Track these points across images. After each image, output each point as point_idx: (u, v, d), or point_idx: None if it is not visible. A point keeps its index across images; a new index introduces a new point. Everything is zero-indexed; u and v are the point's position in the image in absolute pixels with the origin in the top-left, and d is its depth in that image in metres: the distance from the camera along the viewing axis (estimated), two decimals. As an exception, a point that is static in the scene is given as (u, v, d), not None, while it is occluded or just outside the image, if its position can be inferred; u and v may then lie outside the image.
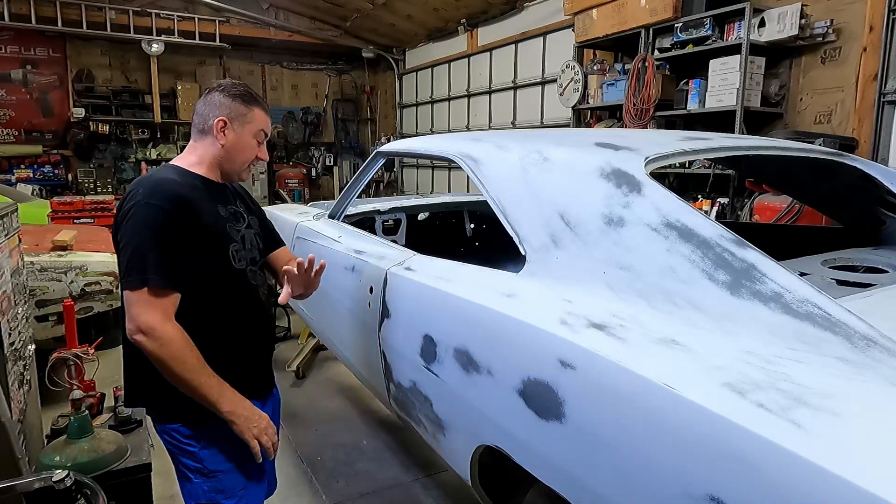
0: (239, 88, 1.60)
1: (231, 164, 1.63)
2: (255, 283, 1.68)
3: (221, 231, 1.58)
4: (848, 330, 1.02)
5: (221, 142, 1.59)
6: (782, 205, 3.68)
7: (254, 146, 1.63)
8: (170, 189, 1.48)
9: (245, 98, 1.59)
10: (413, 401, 1.93)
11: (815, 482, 0.83)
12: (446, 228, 3.91)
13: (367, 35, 10.28)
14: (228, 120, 1.58)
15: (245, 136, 1.60)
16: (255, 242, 1.73)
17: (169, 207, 1.44)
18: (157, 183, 1.49)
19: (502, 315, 1.48)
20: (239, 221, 1.67)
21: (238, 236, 1.63)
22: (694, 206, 1.48)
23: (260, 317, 1.71)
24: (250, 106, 1.60)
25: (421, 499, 2.68)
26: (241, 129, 1.59)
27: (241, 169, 1.65)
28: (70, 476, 1.34)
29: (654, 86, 4.81)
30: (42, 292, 3.53)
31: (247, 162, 1.64)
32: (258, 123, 1.62)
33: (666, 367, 1.08)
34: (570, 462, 1.25)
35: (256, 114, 1.61)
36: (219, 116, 1.57)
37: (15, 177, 8.83)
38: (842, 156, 2.08)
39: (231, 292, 1.60)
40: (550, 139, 1.94)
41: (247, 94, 1.60)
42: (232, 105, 1.58)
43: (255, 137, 1.62)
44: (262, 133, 1.64)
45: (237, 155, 1.61)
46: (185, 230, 1.47)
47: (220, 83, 1.63)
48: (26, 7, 8.18)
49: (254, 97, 1.61)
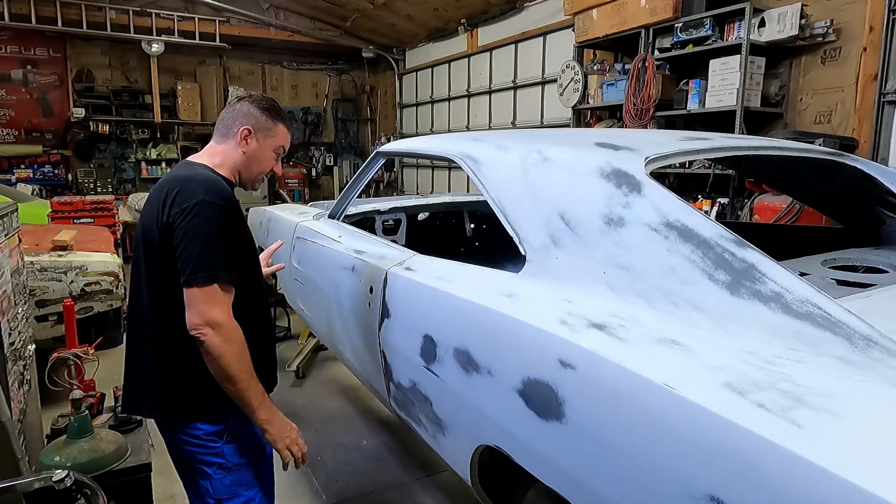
0: (267, 102, 1.67)
1: (248, 173, 1.68)
2: (267, 284, 1.85)
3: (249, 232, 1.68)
4: (848, 330, 1.02)
5: (243, 149, 1.64)
6: (782, 205, 3.68)
7: (271, 159, 1.69)
8: (225, 189, 1.55)
9: (272, 112, 1.66)
10: (413, 401, 1.93)
11: (815, 482, 0.83)
12: (446, 228, 3.91)
13: (367, 35, 10.27)
14: (253, 129, 1.63)
15: (266, 148, 1.66)
16: None
17: (228, 207, 1.50)
18: (212, 182, 1.53)
19: (502, 315, 1.48)
20: None
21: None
22: (694, 206, 1.48)
23: (269, 315, 1.85)
24: (276, 121, 1.66)
25: (421, 499, 2.68)
26: (264, 140, 1.65)
27: (254, 178, 1.71)
28: (70, 476, 1.34)
29: (654, 86, 4.81)
30: (42, 292, 3.52)
31: (262, 173, 1.70)
32: (280, 139, 1.68)
33: (666, 367, 1.08)
34: (570, 462, 1.25)
35: (280, 130, 1.68)
36: (244, 125, 1.63)
37: (15, 177, 8.83)
38: (842, 156, 2.08)
39: (256, 291, 1.67)
40: (550, 139, 1.94)
41: (274, 108, 1.67)
42: (259, 116, 1.64)
43: (274, 151, 1.68)
44: (282, 148, 1.70)
45: (255, 165, 1.66)
46: (238, 229, 1.55)
47: (251, 94, 1.71)
48: (26, 7, 8.17)
49: (280, 114, 1.68)
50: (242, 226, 1.60)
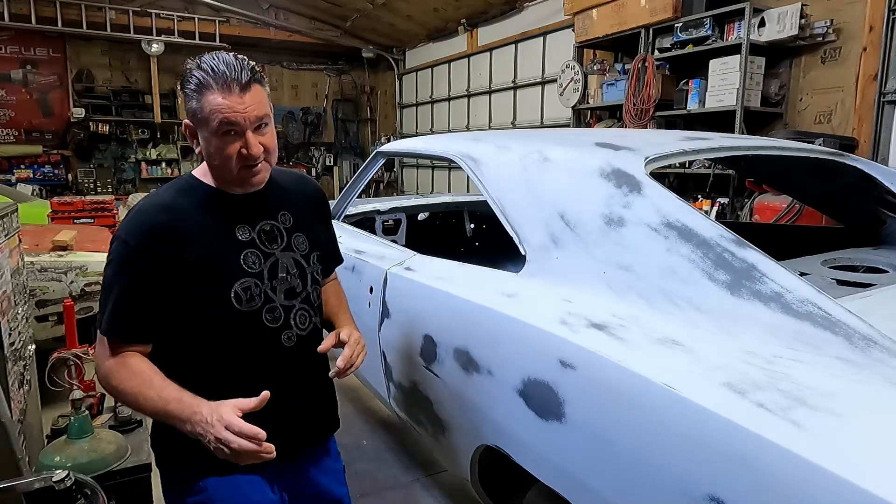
0: (190, 76, 1.19)
1: (218, 173, 1.26)
2: (273, 325, 1.31)
3: (221, 263, 1.25)
4: (848, 330, 1.02)
5: (197, 150, 1.25)
6: (782, 205, 3.68)
7: (223, 145, 1.19)
8: (145, 218, 1.23)
9: (194, 87, 1.18)
10: (413, 401, 1.93)
11: (815, 482, 0.83)
12: (446, 228, 3.91)
13: (367, 35, 10.28)
14: (190, 121, 1.23)
15: (209, 137, 1.20)
16: (299, 268, 1.36)
17: (135, 244, 1.19)
18: (139, 210, 1.25)
19: (502, 315, 1.48)
20: (272, 242, 1.33)
21: (260, 265, 1.29)
22: (694, 206, 1.48)
23: (279, 369, 1.33)
24: (201, 94, 1.17)
25: (421, 499, 2.68)
26: (203, 130, 1.20)
27: (232, 178, 1.25)
28: (70, 476, 1.34)
29: (654, 86, 4.81)
30: (42, 292, 3.52)
31: (227, 169, 1.22)
32: (212, 113, 1.16)
33: (666, 367, 1.08)
34: (570, 462, 1.25)
35: (208, 102, 1.16)
36: (185, 121, 1.25)
37: (15, 177, 8.84)
38: (842, 156, 2.08)
39: (232, 341, 1.28)
40: (550, 139, 1.94)
41: (195, 78, 1.17)
42: (187, 104, 1.21)
43: (215, 134, 1.18)
44: (224, 122, 1.17)
45: (214, 161, 1.24)
46: (159, 269, 1.20)
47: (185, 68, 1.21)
48: (26, 7, 8.18)
49: (203, 80, 1.16)
50: (181, 261, 1.21)
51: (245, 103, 1.17)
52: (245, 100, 1.17)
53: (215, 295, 1.24)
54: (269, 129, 1.25)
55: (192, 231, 1.24)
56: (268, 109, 1.23)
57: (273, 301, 1.31)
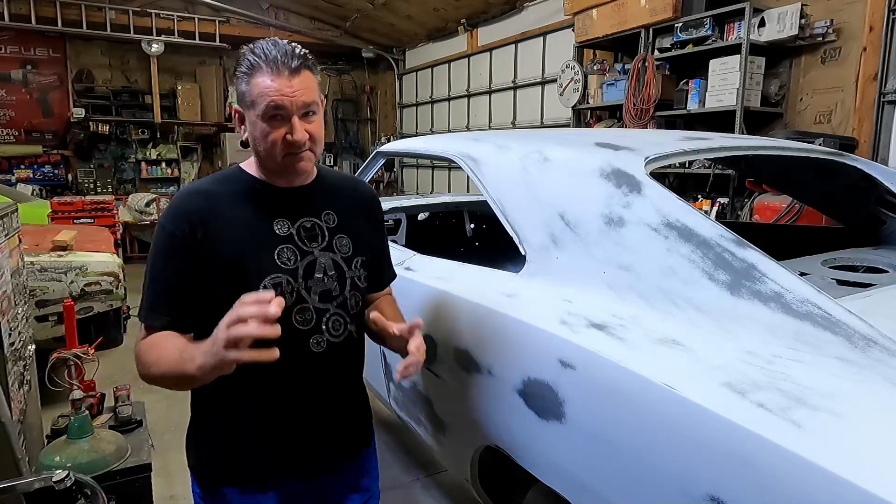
0: (242, 59, 1.18)
1: (265, 161, 1.23)
2: (303, 328, 1.24)
3: (253, 255, 1.20)
4: (848, 330, 1.02)
5: (244, 136, 1.23)
6: (782, 205, 3.68)
7: (265, 131, 1.16)
8: (184, 204, 1.21)
9: (245, 70, 1.17)
10: (413, 401, 1.93)
11: (815, 482, 0.83)
12: (446, 228, 3.91)
13: (367, 35, 10.27)
14: (239, 105, 1.22)
15: (255, 121, 1.17)
16: (337, 270, 1.29)
17: (172, 228, 1.19)
18: (179, 194, 1.26)
19: (502, 315, 1.48)
20: (312, 240, 1.27)
21: (295, 262, 1.23)
22: (694, 206, 1.48)
23: (305, 375, 1.26)
24: (251, 76, 1.16)
25: (421, 499, 2.68)
26: (250, 113, 1.18)
27: (276, 166, 1.21)
28: (70, 476, 1.34)
29: (654, 86, 4.81)
30: (42, 292, 3.52)
31: (272, 155, 1.19)
32: (260, 96, 1.15)
33: (666, 367, 1.09)
34: (570, 462, 1.25)
35: (257, 84, 1.15)
36: (235, 106, 1.24)
37: (15, 177, 8.83)
38: (842, 156, 2.08)
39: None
40: (550, 139, 1.94)
41: (247, 61, 1.17)
42: (238, 87, 1.20)
43: (261, 118, 1.16)
44: (272, 105, 1.14)
45: (258, 148, 1.21)
46: (191, 254, 1.18)
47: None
48: (26, 7, 8.17)
49: (254, 63, 1.15)
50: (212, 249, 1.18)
51: (293, 87, 1.14)
52: (294, 84, 1.14)
53: (244, 288, 1.12)
54: (317, 118, 1.21)
55: (227, 219, 1.20)
56: (316, 97, 1.20)
57: (306, 302, 1.24)
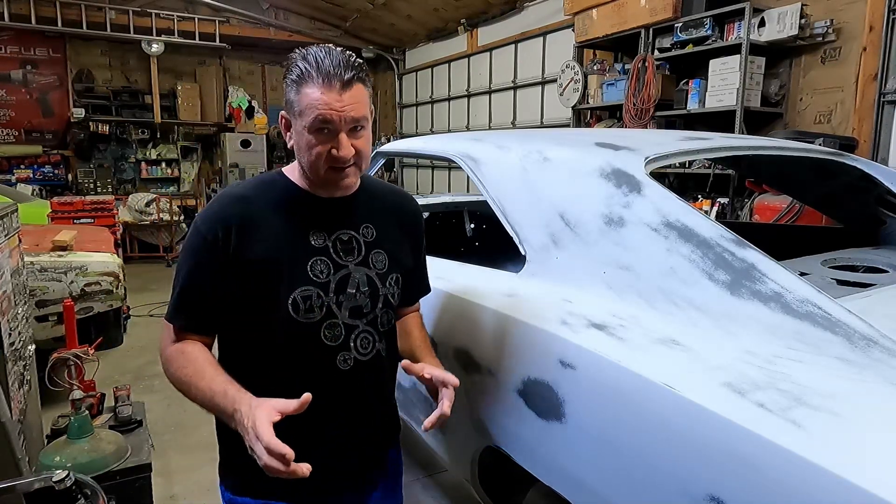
0: (293, 65, 1.13)
1: (307, 172, 1.20)
2: (331, 344, 1.21)
3: (286, 265, 1.17)
4: (848, 330, 1.02)
5: (290, 144, 1.19)
6: (782, 205, 3.68)
7: (311, 143, 1.13)
8: (219, 206, 1.19)
9: (295, 77, 1.12)
10: (413, 401, 1.93)
11: (815, 482, 0.83)
12: (446, 228, 3.91)
13: (367, 35, 10.27)
14: (287, 114, 1.18)
15: (301, 131, 1.14)
16: (371, 287, 1.25)
17: (205, 230, 1.16)
18: (216, 197, 1.22)
19: (502, 315, 1.48)
20: (348, 254, 1.23)
21: (328, 275, 1.20)
22: (694, 206, 1.48)
23: (329, 393, 1.20)
24: (300, 86, 1.12)
25: (421, 499, 2.68)
26: (297, 123, 1.15)
27: (318, 179, 1.18)
28: (70, 476, 1.34)
29: (654, 86, 4.81)
30: (42, 292, 3.53)
31: (315, 168, 1.16)
32: (309, 108, 1.10)
33: (666, 367, 1.09)
34: (570, 462, 1.25)
35: (306, 95, 1.11)
36: (282, 112, 1.20)
37: (15, 177, 8.83)
38: (842, 156, 2.08)
39: (284, 353, 1.20)
40: (550, 139, 1.94)
41: (297, 68, 1.12)
42: (287, 94, 1.16)
43: (308, 130, 1.12)
44: (320, 119, 1.10)
45: (302, 158, 1.18)
46: (224, 259, 1.15)
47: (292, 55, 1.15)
48: (26, 7, 8.18)
49: (305, 71, 1.11)
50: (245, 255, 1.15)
51: (344, 102, 1.10)
52: (344, 98, 1.10)
53: (273, 297, 1.16)
54: (365, 133, 1.16)
55: (263, 226, 1.18)
56: (367, 112, 1.15)
57: (335, 317, 1.20)
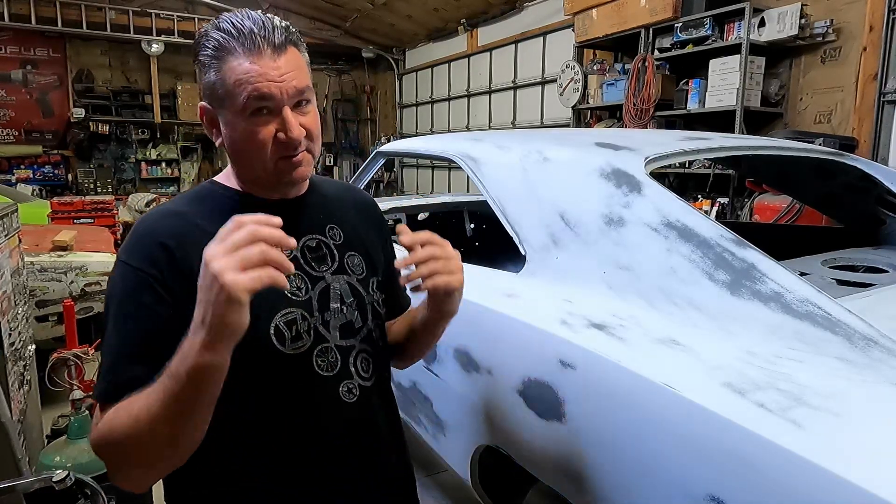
0: (205, 40, 0.88)
1: (251, 171, 0.93)
2: (328, 374, 0.96)
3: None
4: (848, 330, 1.02)
5: (218, 142, 0.94)
6: (782, 205, 3.68)
7: (253, 129, 0.87)
8: (146, 230, 0.90)
9: (211, 52, 0.87)
10: (413, 401, 1.93)
11: (815, 482, 0.83)
12: (446, 228, 3.91)
13: (367, 35, 10.28)
14: (207, 101, 0.92)
15: (233, 120, 0.88)
16: (356, 297, 1.03)
17: (137, 263, 0.86)
18: (140, 220, 0.93)
19: (502, 315, 1.48)
20: (321, 263, 1.00)
21: (307, 292, 0.96)
22: (694, 206, 1.48)
23: (339, 433, 0.98)
24: (220, 61, 0.86)
25: (421, 499, 2.67)
26: (225, 111, 0.89)
27: (267, 175, 0.92)
28: (70, 476, 1.34)
29: (654, 86, 4.81)
30: (42, 292, 3.52)
31: (260, 162, 0.90)
32: (238, 85, 0.85)
33: (666, 367, 1.08)
34: (570, 462, 1.25)
35: (231, 70, 0.85)
36: (200, 103, 0.94)
37: (15, 177, 8.84)
38: (842, 156, 2.08)
39: (276, 398, 0.93)
40: (550, 139, 1.94)
41: (212, 40, 0.87)
42: (204, 78, 0.90)
43: (242, 113, 0.87)
44: (255, 96, 0.85)
45: (240, 152, 0.91)
46: (167, 297, 0.85)
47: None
48: (26, 7, 8.18)
49: (223, 41, 0.86)
50: (173, 293, 0.84)
51: (281, 69, 0.86)
52: (280, 65, 0.86)
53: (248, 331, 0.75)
54: (312, 108, 0.93)
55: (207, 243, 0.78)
56: (309, 81, 0.91)
57: (326, 341, 0.97)
